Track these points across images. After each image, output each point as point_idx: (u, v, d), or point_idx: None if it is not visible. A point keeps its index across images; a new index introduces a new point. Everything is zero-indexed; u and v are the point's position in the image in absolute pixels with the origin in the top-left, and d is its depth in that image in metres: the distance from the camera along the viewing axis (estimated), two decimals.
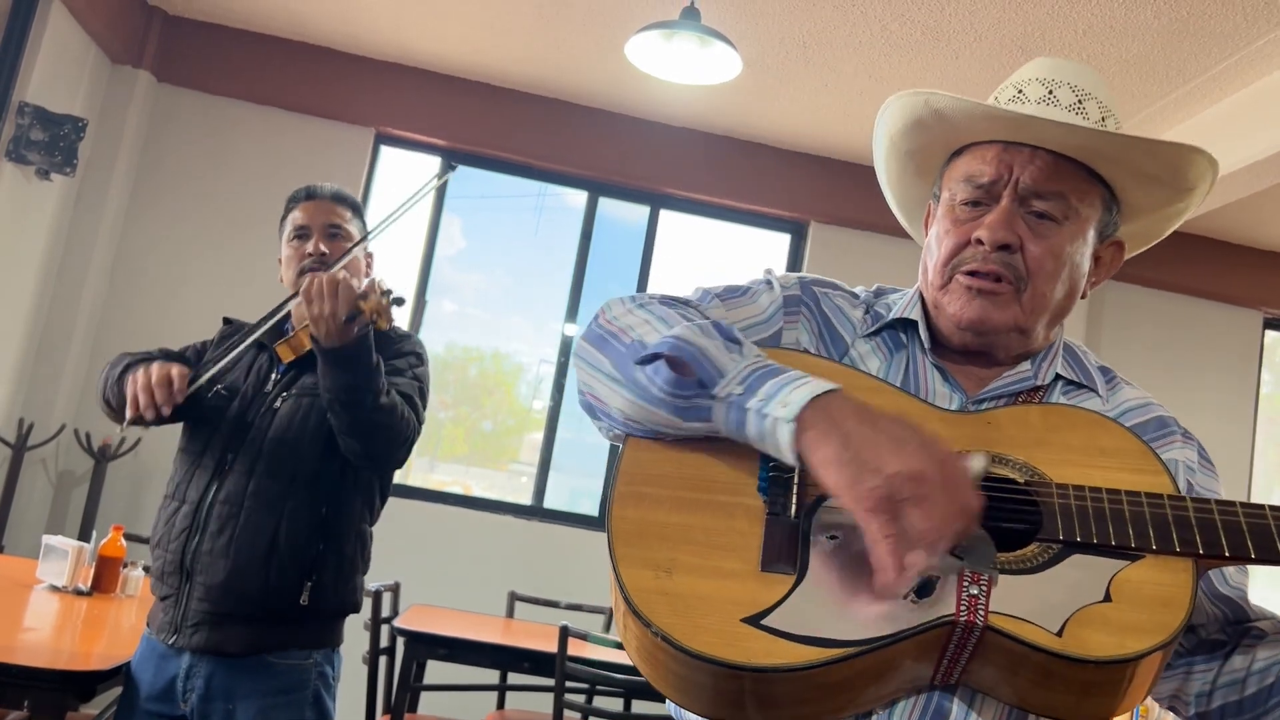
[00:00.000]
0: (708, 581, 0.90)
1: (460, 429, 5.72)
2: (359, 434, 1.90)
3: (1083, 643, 0.85)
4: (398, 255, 5.28)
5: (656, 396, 0.96)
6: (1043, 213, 1.07)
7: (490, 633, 3.81)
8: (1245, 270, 5.67)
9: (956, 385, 1.10)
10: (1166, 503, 0.93)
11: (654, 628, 0.87)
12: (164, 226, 4.95)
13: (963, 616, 0.87)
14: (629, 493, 0.97)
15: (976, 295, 1.07)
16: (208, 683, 1.91)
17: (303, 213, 2.15)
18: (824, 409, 0.88)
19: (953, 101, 1.07)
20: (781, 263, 5.60)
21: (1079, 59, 4.03)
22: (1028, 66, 1.15)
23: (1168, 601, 0.88)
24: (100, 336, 4.83)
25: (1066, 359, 1.16)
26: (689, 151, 5.35)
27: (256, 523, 1.93)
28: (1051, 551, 0.92)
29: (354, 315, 1.79)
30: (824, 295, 1.18)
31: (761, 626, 0.87)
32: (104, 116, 4.79)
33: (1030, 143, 1.07)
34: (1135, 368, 5.59)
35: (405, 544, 4.66)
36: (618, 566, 0.91)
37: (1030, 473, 0.98)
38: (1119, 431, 1.01)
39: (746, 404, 0.91)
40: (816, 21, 4.09)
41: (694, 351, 0.94)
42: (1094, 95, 1.11)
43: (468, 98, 5.21)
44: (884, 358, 1.13)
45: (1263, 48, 3.79)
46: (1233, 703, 1.03)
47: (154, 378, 1.88)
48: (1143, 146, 1.06)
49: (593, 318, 1.09)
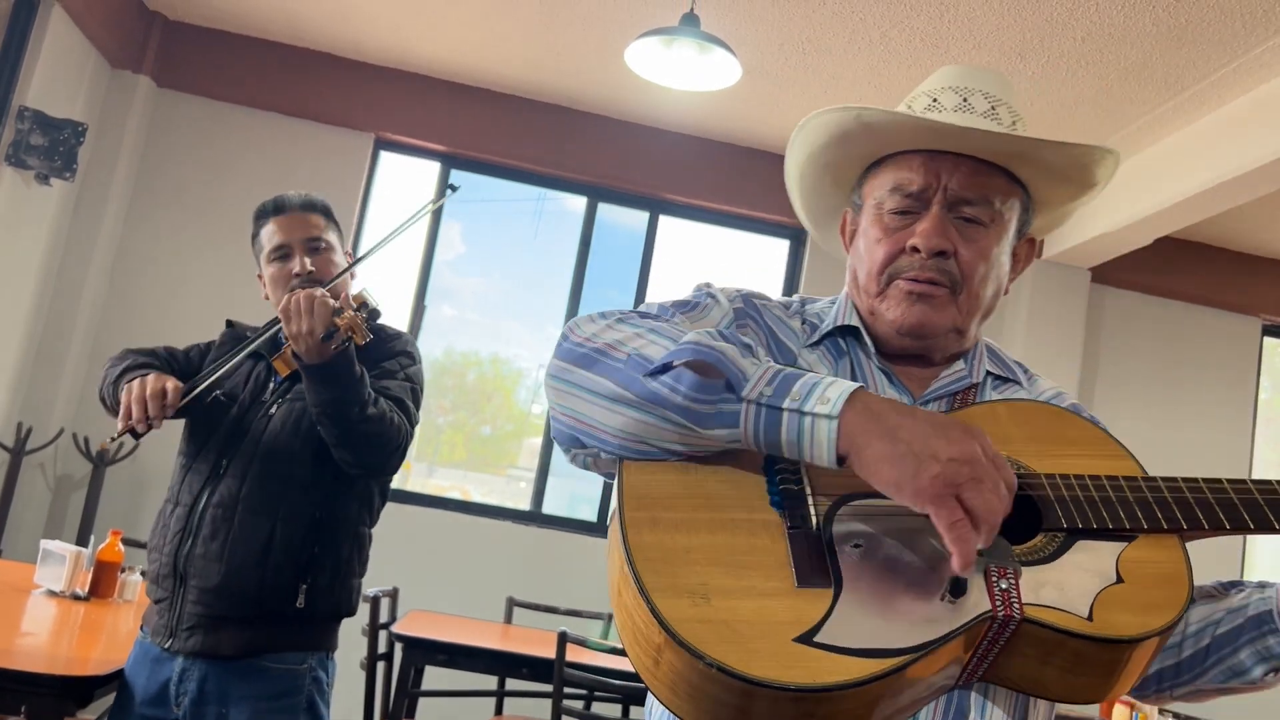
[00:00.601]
0: (748, 603, 0.86)
1: (459, 434, 5.72)
2: (349, 445, 1.90)
3: (1112, 624, 0.88)
4: (397, 260, 5.28)
5: (678, 404, 0.92)
6: (971, 217, 1.11)
7: (488, 638, 3.81)
8: (1244, 277, 5.68)
9: (902, 387, 1.13)
10: (1144, 485, 0.98)
11: (708, 659, 0.82)
12: (163, 232, 4.95)
13: (1000, 611, 0.88)
14: (642, 518, 0.92)
15: (916, 300, 1.11)
16: (201, 686, 1.91)
17: (277, 229, 2.09)
18: (864, 405, 0.88)
19: (884, 115, 1.10)
20: (781, 269, 5.60)
21: (1078, 66, 4.04)
22: (937, 75, 1.18)
23: (1170, 577, 0.92)
24: (99, 341, 4.83)
25: (990, 356, 1.21)
26: (688, 157, 5.36)
27: (250, 526, 1.93)
28: (1058, 541, 0.95)
29: (331, 333, 1.79)
30: (764, 307, 1.20)
31: (815, 644, 0.84)
32: (104, 121, 4.80)
33: (956, 150, 1.11)
34: (1135, 374, 5.59)
35: (404, 549, 4.66)
36: (651, 598, 0.85)
37: (1017, 466, 1.00)
38: (1079, 421, 1.06)
39: (780, 404, 0.89)
40: (816, 28, 4.09)
41: (716, 355, 0.92)
42: (1004, 101, 1.15)
43: (467, 103, 5.22)
44: (830, 365, 1.16)
45: (1261, 55, 3.80)
46: (1170, 666, 1.08)
47: (148, 389, 1.87)
48: (1059, 149, 1.11)
49: (562, 338, 1.05)
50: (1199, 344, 5.66)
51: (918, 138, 1.11)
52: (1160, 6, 3.59)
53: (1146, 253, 5.19)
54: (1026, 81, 4.24)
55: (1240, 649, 1.03)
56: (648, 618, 0.85)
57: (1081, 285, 5.45)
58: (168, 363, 2.15)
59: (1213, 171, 4.20)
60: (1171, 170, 4.49)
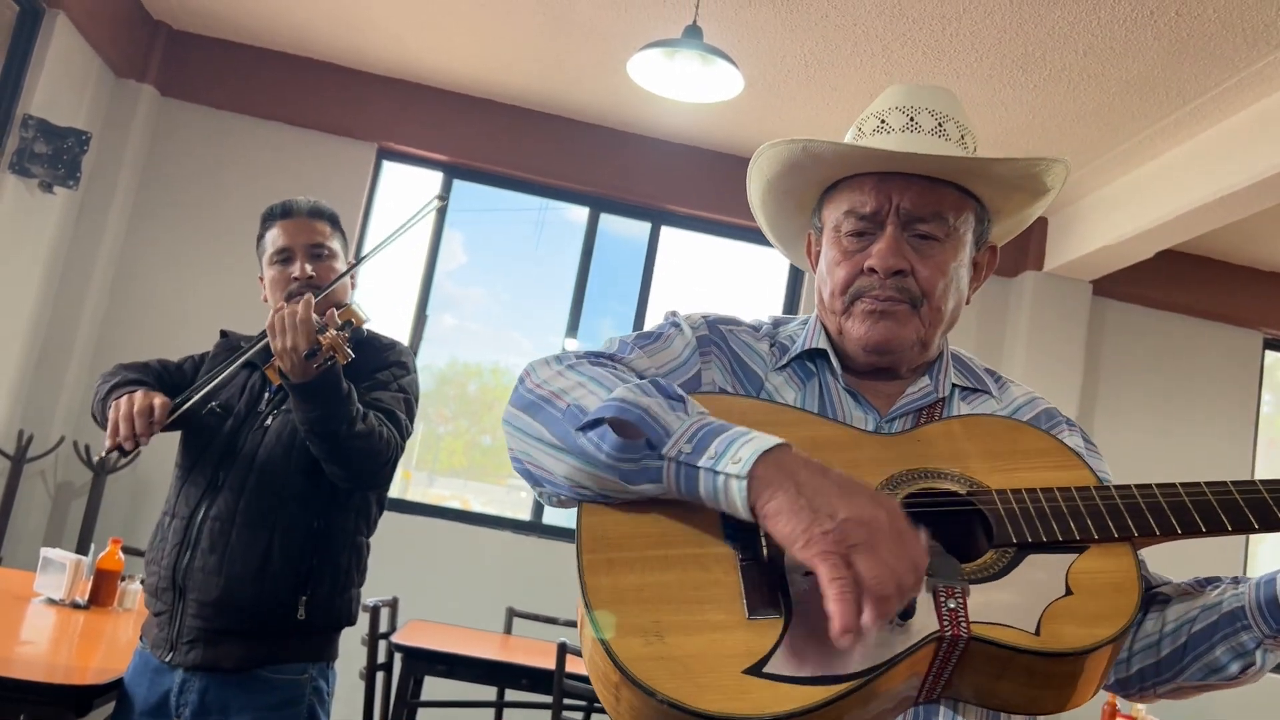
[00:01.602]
0: (699, 638, 0.89)
1: (459, 443, 5.72)
2: (338, 460, 1.90)
3: (1059, 637, 0.89)
4: (399, 270, 5.29)
5: (604, 462, 0.95)
6: (925, 234, 1.14)
7: (488, 649, 3.80)
8: (1245, 291, 5.68)
9: (869, 406, 1.16)
10: (1095, 494, 0.99)
11: (659, 695, 0.84)
12: (166, 240, 4.96)
13: (948, 631, 0.89)
14: (597, 560, 0.96)
15: (880, 318, 1.13)
16: (201, 698, 1.90)
17: (282, 232, 2.10)
18: (775, 462, 0.90)
19: (827, 146, 1.13)
20: (782, 280, 5.61)
21: (1081, 79, 4.05)
22: (884, 96, 1.21)
23: (1119, 586, 0.93)
24: (100, 349, 4.83)
25: (957, 368, 1.23)
26: (690, 168, 5.37)
27: (248, 539, 1.92)
28: (1009, 556, 0.96)
29: (314, 351, 1.79)
30: (730, 333, 1.23)
31: (764, 675, 0.86)
32: (107, 130, 4.81)
33: (904, 170, 1.14)
34: (1136, 388, 5.59)
35: (403, 559, 4.65)
36: (606, 638, 0.89)
37: (968, 483, 1.02)
38: (1034, 433, 1.08)
39: (697, 462, 0.92)
40: (818, 41, 4.11)
41: (639, 413, 0.95)
42: (951, 116, 1.18)
43: (470, 113, 5.23)
44: (798, 387, 1.18)
45: (1262, 70, 3.81)
46: (1150, 665, 1.09)
47: (135, 406, 1.87)
48: (1003, 164, 1.13)
49: (519, 381, 1.09)
50: (1200, 357, 5.66)
51: (867, 162, 1.14)
52: (1162, 21, 3.60)
53: (1148, 266, 5.20)
54: (1028, 94, 4.25)
55: (1215, 646, 1.04)
56: (604, 657, 0.89)
57: (1083, 298, 5.45)
58: (160, 376, 2.15)
59: (1214, 185, 4.21)
60: (1173, 184, 4.50)
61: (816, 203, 1.24)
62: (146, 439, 1.88)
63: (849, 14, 3.87)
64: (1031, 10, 3.65)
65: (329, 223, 2.15)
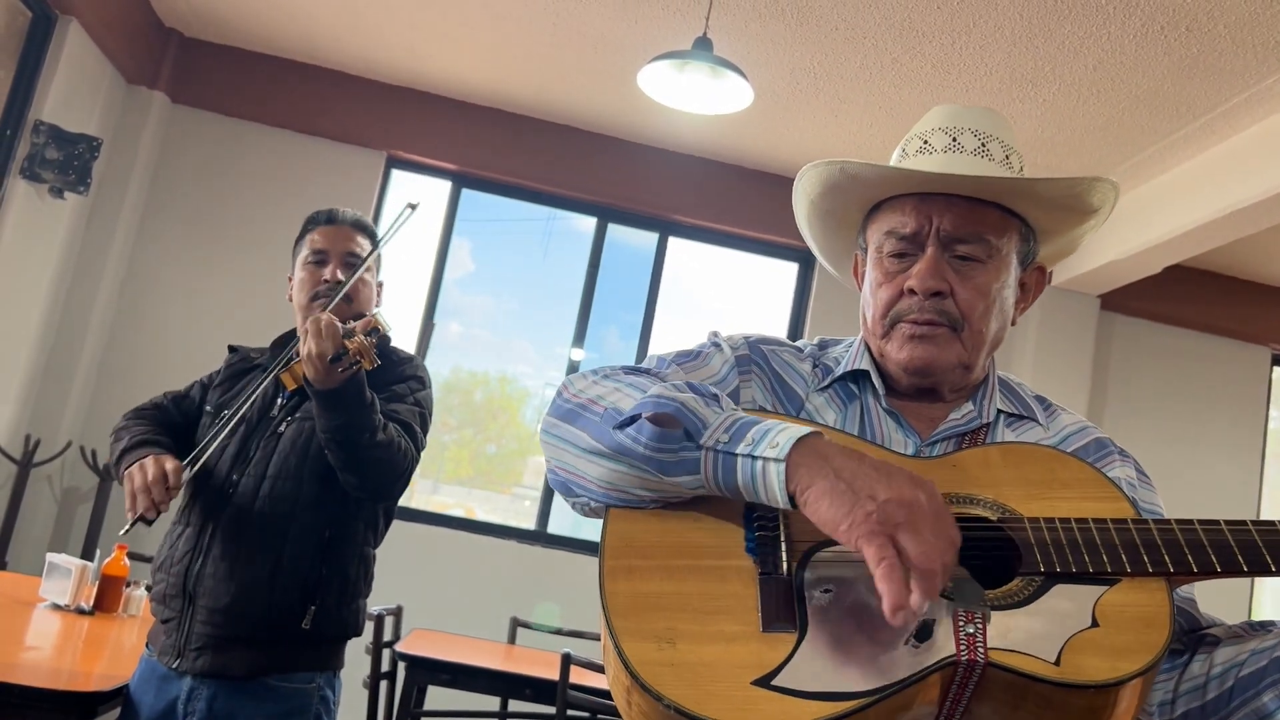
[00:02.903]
0: (711, 647, 0.90)
1: (464, 451, 5.72)
2: (355, 470, 1.90)
3: (1080, 669, 0.87)
4: (407, 277, 5.30)
5: (642, 454, 0.96)
6: (966, 255, 1.13)
7: (492, 659, 3.79)
8: (1254, 306, 5.66)
9: (910, 429, 1.16)
10: (1132, 527, 0.97)
11: (665, 700, 0.86)
12: (175, 247, 4.97)
13: (964, 656, 0.88)
14: (618, 566, 0.97)
15: (920, 342, 1.13)
16: (210, 705, 1.90)
17: (322, 237, 2.14)
18: (812, 448, 0.91)
19: (864, 167, 1.14)
20: (789, 292, 5.60)
21: (1090, 94, 4.05)
22: (929, 116, 1.21)
23: (1150, 621, 0.91)
24: (109, 355, 4.84)
25: (1004, 393, 1.22)
26: (698, 179, 5.37)
27: (260, 546, 1.93)
28: (1035, 584, 0.94)
29: (339, 355, 1.80)
30: (772, 353, 1.23)
31: (772, 687, 0.86)
32: (118, 136, 4.83)
33: (944, 191, 1.13)
34: (1143, 403, 5.57)
35: (407, 567, 4.65)
36: (619, 641, 0.90)
37: (1001, 510, 1.01)
38: (1074, 463, 1.06)
39: (735, 449, 0.93)
40: (828, 54, 4.11)
41: (676, 405, 0.96)
42: (996, 136, 1.17)
43: (479, 122, 5.25)
44: (839, 409, 1.18)
45: (1273, 85, 3.80)
46: (1195, 708, 1.06)
47: (150, 476, 1.89)
48: (1044, 184, 1.12)
49: (556, 394, 1.10)
50: (1208, 373, 5.64)
51: (905, 183, 1.14)
52: (1172, 36, 3.60)
53: (1156, 280, 5.19)
54: (1038, 108, 4.25)
55: (1264, 691, 1.00)
56: (617, 661, 0.90)
57: (1091, 312, 5.44)
58: (170, 416, 2.16)
59: (1222, 201, 4.20)
60: (1181, 199, 4.49)
61: (861, 224, 1.23)
62: (166, 506, 1.91)
63: (858, 28, 3.88)
64: (1041, 25, 3.65)
65: (369, 238, 2.19)
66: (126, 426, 2.11)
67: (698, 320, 5.69)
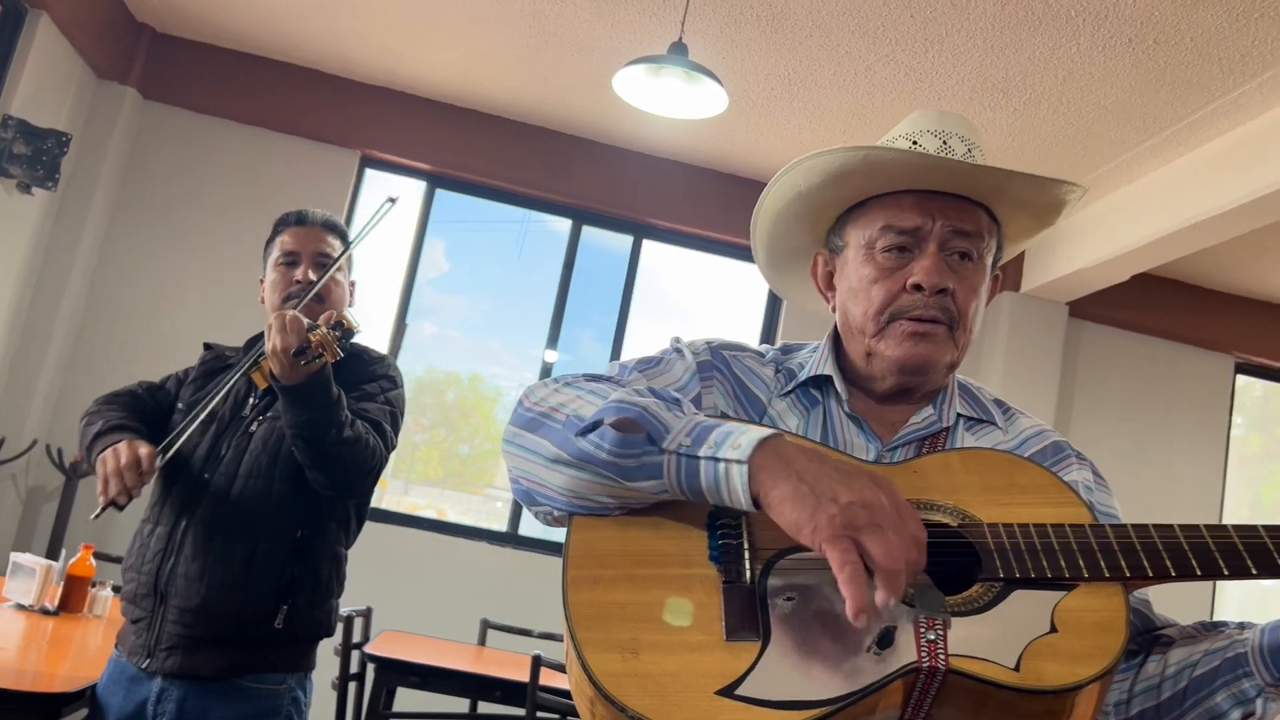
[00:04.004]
0: (675, 657, 0.89)
1: (436, 452, 5.70)
2: (322, 467, 1.89)
3: (1039, 675, 0.88)
4: (380, 276, 5.28)
5: (604, 460, 0.96)
6: (963, 252, 1.14)
7: (462, 660, 3.79)
8: (1219, 315, 5.76)
9: (872, 434, 1.16)
10: (1089, 532, 0.98)
11: (629, 711, 0.85)
12: (145, 244, 4.93)
13: (925, 662, 0.88)
14: (582, 576, 0.96)
15: (920, 340, 1.12)
16: (180, 706, 1.89)
17: (292, 238, 2.13)
18: (774, 450, 0.91)
19: (894, 154, 1.12)
20: (763, 295, 5.64)
21: (1059, 104, 4.11)
22: (913, 118, 1.20)
23: (1107, 626, 0.92)
24: (76, 353, 4.79)
25: (963, 397, 1.21)
26: (673, 183, 5.39)
27: (232, 546, 1.92)
28: (995, 590, 0.95)
29: (303, 349, 1.79)
30: (734, 358, 1.22)
31: (736, 697, 0.86)
32: (88, 132, 4.78)
33: (945, 189, 1.13)
34: (1110, 408, 5.64)
35: (378, 568, 4.63)
36: (582, 652, 0.90)
37: (961, 516, 1.01)
38: (1032, 468, 1.06)
39: (698, 452, 0.93)
40: (802, 61, 4.14)
41: (639, 410, 0.96)
42: (977, 144, 1.18)
43: (454, 123, 5.24)
44: (801, 415, 1.18)
45: (1237, 98, 3.87)
46: (1150, 708, 1.07)
47: (123, 461, 1.88)
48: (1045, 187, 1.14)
49: (518, 403, 1.10)
50: (1174, 380, 5.73)
51: (916, 177, 1.13)
52: (1140, 49, 3.65)
53: (1124, 289, 5.26)
54: (1008, 117, 4.30)
55: (1216, 692, 1.02)
56: (581, 672, 0.89)
57: (1059, 319, 5.51)
58: (143, 404, 2.14)
59: (1188, 211, 4.27)
60: (1148, 209, 4.56)
61: (834, 223, 1.22)
62: (138, 491, 1.89)
63: (832, 35, 3.91)
64: (1012, 35, 3.70)
65: (340, 237, 2.18)
66: (99, 411, 2.09)
67: (671, 323, 5.70)
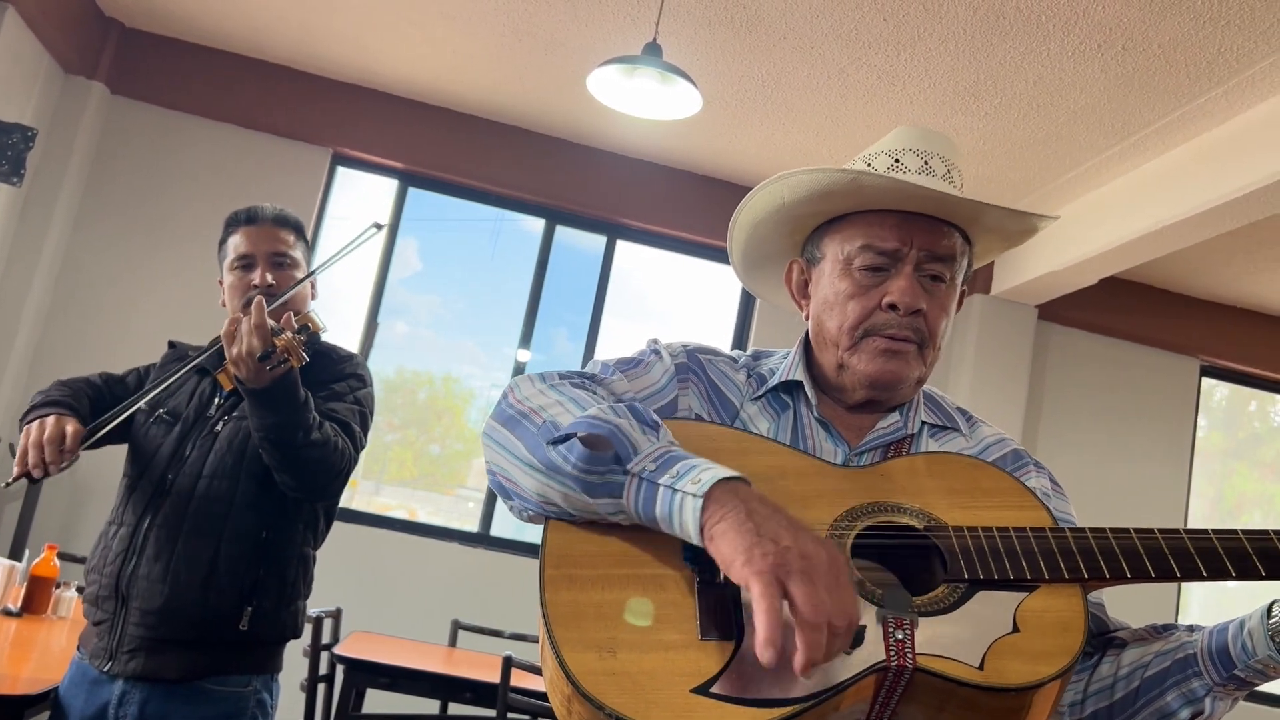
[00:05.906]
0: (651, 656, 0.91)
1: (407, 452, 5.67)
2: (290, 470, 1.87)
3: (1002, 673, 0.91)
4: (351, 274, 5.25)
5: (570, 473, 0.97)
6: (936, 275, 1.17)
7: (432, 662, 3.77)
8: (1185, 318, 5.84)
9: (840, 438, 1.19)
10: (1050, 535, 1.01)
11: (607, 709, 0.87)
12: (112, 241, 4.87)
13: (894, 661, 0.91)
14: (559, 576, 0.97)
15: (891, 357, 1.16)
16: (142, 710, 1.87)
17: (245, 239, 2.08)
18: (733, 491, 0.92)
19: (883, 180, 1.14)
20: (735, 296, 5.65)
21: (1030, 108, 4.15)
22: (895, 135, 1.22)
23: (1066, 626, 0.95)
24: (41, 350, 4.73)
25: (928, 405, 1.25)
26: (647, 184, 5.39)
27: (195, 547, 1.89)
28: (960, 591, 0.98)
29: (268, 353, 1.77)
30: (709, 362, 1.25)
31: (711, 694, 0.88)
32: (55, 127, 4.72)
33: (926, 212, 1.16)
34: (1078, 409, 5.71)
35: (347, 569, 4.60)
36: (560, 651, 0.91)
37: (927, 518, 1.04)
38: (995, 472, 1.10)
39: (658, 480, 0.94)
40: (776, 63, 4.16)
41: (611, 428, 0.98)
42: (956, 164, 1.21)
43: (427, 121, 5.22)
44: (772, 418, 1.21)
45: (1204, 105, 3.92)
46: (1103, 708, 1.10)
47: (46, 434, 1.83)
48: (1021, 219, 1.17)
49: (502, 395, 1.11)
50: (1141, 382, 5.80)
51: (898, 200, 1.15)
52: (1109, 55, 3.70)
53: (1092, 292, 5.32)
54: (979, 120, 4.34)
55: (1167, 691, 1.06)
56: (558, 670, 0.91)
57: (1029, 322, 5.57)
58: (99, 392, 2.09)
59: (1155, 216, 4.32)
60: (1116, 213, 4.61)
61: (811, 233, 1.24)
62: (57, 467, 1.84)
63: (806, 37, 3.92)
64: (984, 40, 3.73)
65: (293, 231, 2.13)
66: (47, 390, 2.05)
67: (644, 323, 5.71)
